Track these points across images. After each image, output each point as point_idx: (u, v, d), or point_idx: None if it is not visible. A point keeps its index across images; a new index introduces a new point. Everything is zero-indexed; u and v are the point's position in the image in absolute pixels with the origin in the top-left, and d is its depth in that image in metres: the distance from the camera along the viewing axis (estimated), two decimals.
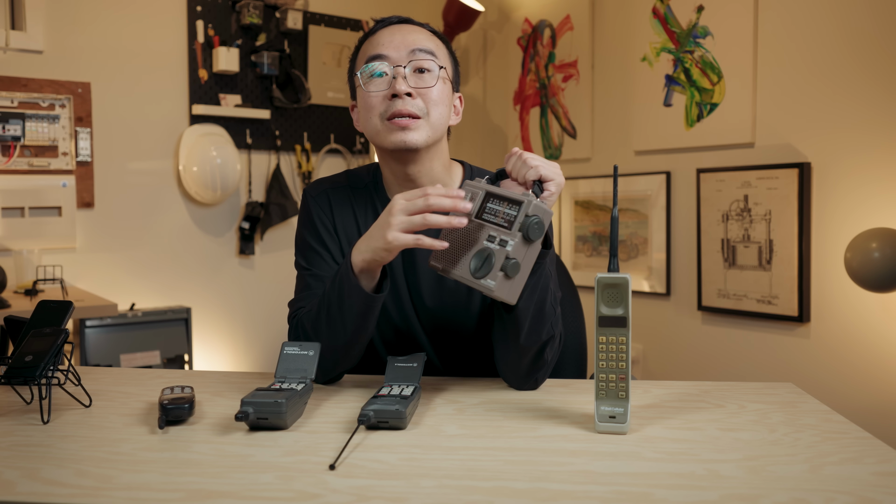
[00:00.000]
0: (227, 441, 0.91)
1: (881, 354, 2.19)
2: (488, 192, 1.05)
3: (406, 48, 1.23)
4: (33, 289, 2.44)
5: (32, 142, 2.79)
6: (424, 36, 1.27)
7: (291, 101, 3.37)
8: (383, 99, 1.22)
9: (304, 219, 1.35)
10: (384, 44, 1.24)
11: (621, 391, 0.95)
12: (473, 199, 1.06)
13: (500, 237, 1.01)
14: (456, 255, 1.05)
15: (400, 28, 1.26)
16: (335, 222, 1.33)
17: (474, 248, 1.03)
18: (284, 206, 3.36)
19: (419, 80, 1.23)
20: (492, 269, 1.00)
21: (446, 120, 1.27)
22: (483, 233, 1.03)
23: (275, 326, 3.44)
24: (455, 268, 1.04)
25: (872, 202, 2.20)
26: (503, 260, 0.99)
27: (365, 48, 1.28)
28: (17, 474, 0.80)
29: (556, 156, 3.37)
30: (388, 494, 0.75)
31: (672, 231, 2.85)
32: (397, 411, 0.95)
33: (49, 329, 1.05)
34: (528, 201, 1.00)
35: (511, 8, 3.62)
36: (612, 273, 0.95)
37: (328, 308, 1.15)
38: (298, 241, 1.35)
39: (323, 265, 1.31)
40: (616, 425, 0.95)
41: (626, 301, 0.94)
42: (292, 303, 1.30)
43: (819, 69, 2.34)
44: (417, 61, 1.22)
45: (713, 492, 0.75)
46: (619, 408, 0.95)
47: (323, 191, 1.35)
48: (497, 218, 1.03)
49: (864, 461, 0.84)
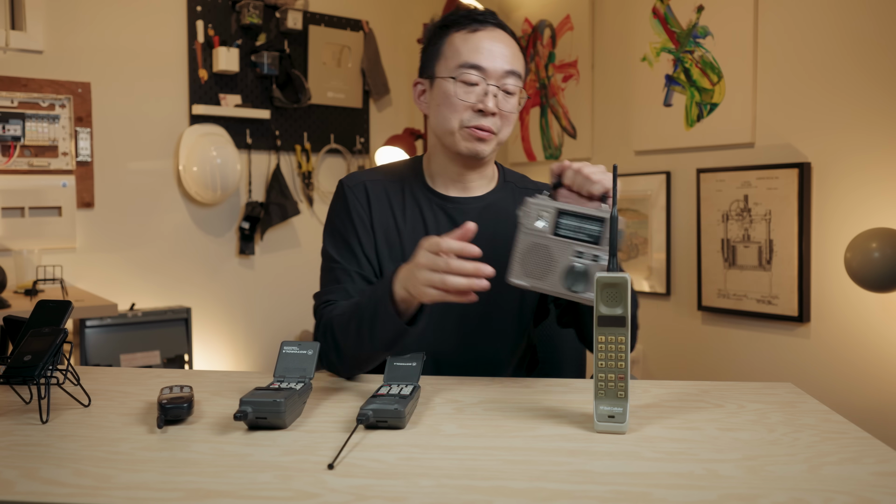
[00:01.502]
0: (225, 440, 0.91)
1: (881, 354, 2.19)
2: (560, 210, 1.09)
3: (502, 66, 1.28)
4: (33, 289, 2.44)
5: (32, 142, 2.79)
6: (514, 53, 1.31)
7: (291, 101, 3.37)
8: (469, 108, 1.28)
9: (338, 209, 1.35)
10: (485, 55, 1.28)
11: (620, 391, 0.95)
12: (541, 218, 1.10)
13: (590, 253, 1.07)
14: (540, 270, 1.10)
15: (500, 38, 1.30)
16: (372, 215, 1.34)
17: (561, 264, 1.08)
18: (284, 206, 3.36)
19: (504, 101, 1.29)
20: (591, 283, 1.05)
21: (509, 134, 1.35)
22: (567, 249, 1.08)
23: (274, 326, 3.44)
24: (544, 283, 1.09)
25: (872, 202, 2.20)
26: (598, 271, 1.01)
27: (459, 43, 1.29)
28: (16, 474, 0.80)
29: (556, 156, 3.37)
30: (386, 494, 0.75)
31: (672, 231, 2.85)
32: (396, 410, 0.95)
33: (48, 329, 1.05)
34: (613, 218, 1.00)
35: (511, 8, 3.62)
36: (611, 272, 0.95)
37: (359, 322, 1.16)
38: (330, 231, 1.36)
39: (353, 260, 1.31)
40: (615, 425, 0.95)
41: (626, 301, 0.94)
42: (319, 294, 1.31)
43: (819, 69, 2.33)
44: (507, 85, 1.29)
45: (712, 491, 0.75)
46: (618, 407, 0.95)
47: (360, 182, 1.37)
48: (579, 234, 1.08)
49: (863, 461, 0.84)
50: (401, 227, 1.34)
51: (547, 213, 1.10)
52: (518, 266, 1.11)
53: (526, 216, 1.11)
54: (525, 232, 1.10)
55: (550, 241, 1.09)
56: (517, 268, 1.11)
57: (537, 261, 1.09)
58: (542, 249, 1.09)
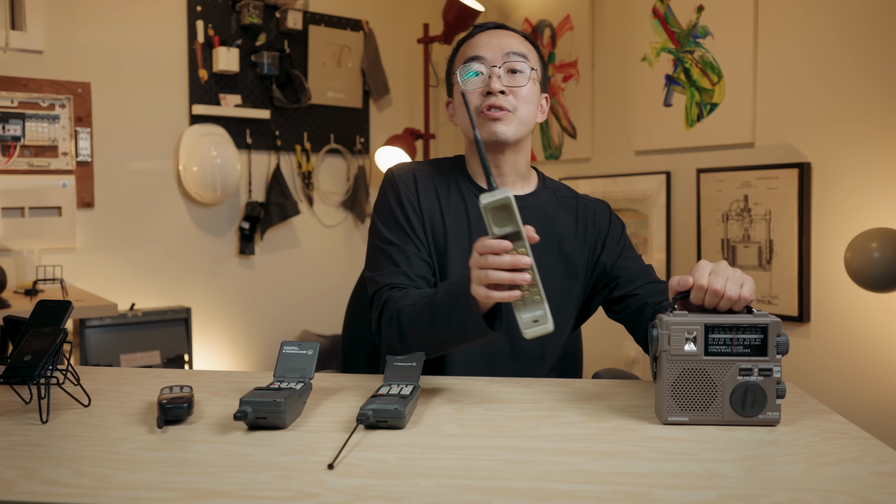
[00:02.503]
0: (225, 440, 0.91)
1: (881, 354, 2.19)
2: (707, 325, 0.96)
3: (501, 51, 1.33)
4: (33, 289, 2.44)
5: (32, 142, 2.79)
6: (517, 40, 1.36)
7: (291, 101, 3.37)
8: (479, 95, 1.32)
9: (390, 196, 1.38)
10: (481, 46, 1.34)
11: (535, 295, 0.99)
12: (689, 339, 0.97)
13: (757, 367, 0.96)
14: (707, 400, 0.97)
15: (496, 32, 1.36)
16: (420, 202, 1.37)
17: (730, 386, 0.96)
18: (284, 206, 3.36)
19: (512, 79, 1.32)
20: (767, 400, 0.96)
21: (534, 117, 1.35)
22: (731, 368, 0.96)
23: (274, 326, 3.44)
24: (708, 414, 0.97)
25: (872, 202, 2.20)
26: (775, 386, 0.96)
27: (463, 50, 1.38)
28: (16, 473, 0.80)
29: (556, 156, 3.37)
30: (386, 494, 0.75)
31: (672, 231, 2.85)
32: (396, 410, 0.95)
33: (48, 329, 1.05)
34: (773, 322, 0.95)
35: (511, 8, 3.62)
36: (493, 194, 0.96)
37: (433, 317, 1.16)
38: (383, 216, 1.37)
39: (409, 241, 1.34)
40: (541, 327, 0.98)
41: (515, 216, 0.97)
42: (377, 276, 1.32)
43: (819, 69, 2.33)
44: (511, 63, 1.32)
45: (712, 491, 0.75)
46: (538, 310, 0.99)
47: (409, 170, 1.40)
48: (737, 347, 0.96)
49: (862, 461, 0.84)
50: (446, 217, 1.36)
51: (691, 333, 0.96)
52: (671, 401, 0.97)
53: (668, 339, 0.97)
54: (671, 360, 0.97)
55: (706, 363, 0.97)
56: (671, 404, 0.97)
57: (702, 385, 0.97)
58: (699, 375, 0.97)
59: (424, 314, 1.18)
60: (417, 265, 1.32)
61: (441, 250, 1.35)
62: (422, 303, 1.20)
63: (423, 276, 1.32)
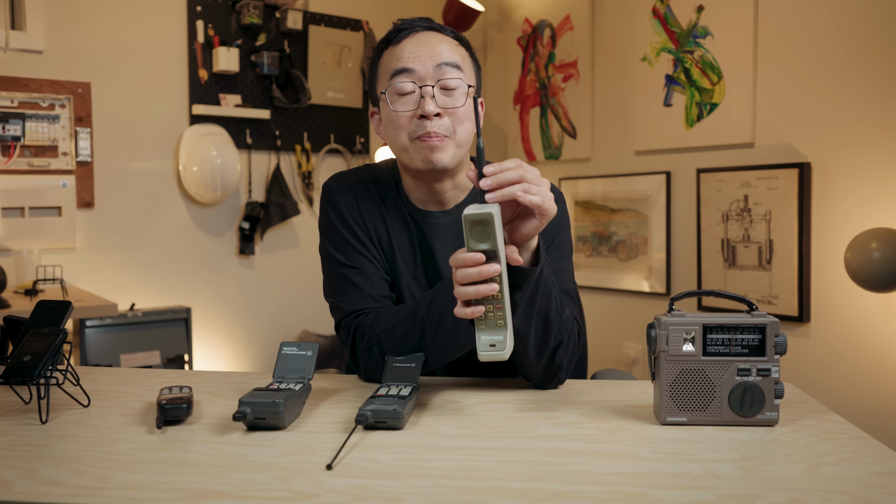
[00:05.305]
0: (224, 441, 0.91)
1: (881, 354, 2.19)
2: (706, 325, 0.97)
3: (432, 62, 1.21)
4: (33, 289, 2.44)
5: (32, 142, 2.80)
6: (449, 47, 1.24)
7: (291, 101, 3.37)
8: (411, 118, 1.21)
9: (332, 215, 1.30)
10: (409, 57, 1.22)
11: (500, 319, 0.97)
12: (687, 340, 0.97)
13: (756, 367, 0.96)
14: (705, 400, 0.97)
15: (425, 39, 1.23)
16: (363, 218, 1.29)
17: (728, 386, 0.96)
18: (284, 206, 3.36)
19: (447, 98, 1.22)
20: (766, 400, 0.96)
21: (471, 134, 1.25)
22: (730, 368, 0.97)
23: (274, 326, 3.44)
24: (707, 414, 0.97)
25: (872, 202, 2.20)
26: (773, 386, 0.96)
27: (388, 58, 1.25)
28: (15, 474, 0.80)
29: (556, 156, 3.37)
30: (384, 494, 0.75)
31: (672, 231, 2.85)
32: (395, 411, 0.95)
33: (48, 329, 1.05)
34: (771, 323, 0.96)
35: (511, 8, 3.62)
36: (479, 207, 0.94)
37: (420, 335, 1.14)
38: (331, 237, 1.30)
39: (366, 262, 1.27)
40: (496, 353, 0.96)
41: (494, 235, 0.94)
42: (340, 304, 1.26)
43: (819, 69, 2.33)
44: (445, 80, 1.21)
45: (710, 492, 0.75)
46: (498, 335, 0.97)
47: (348, 186, 1.32)
48: (735, 348, 0.97)
49: (861, 461, 0.84)
50: (392, 236, 1.30)
51: (688, 333, 0.97)
52: (669, 402, 0.97)
53: (666, 340, 0.97)
54: (670, 360, 0.97)
55: (704, 363, 0.97)
56: (669, 404, 0.97)
57: (702, 387, 0.97)
58: (697, 375, 0.97)
59: (410, 334, 1.15)
60: (379, 284, 1.27)
61: (392, 271, 1.29)
62: (402, 323, 1.16)
63: (387, 296, 1.27)
